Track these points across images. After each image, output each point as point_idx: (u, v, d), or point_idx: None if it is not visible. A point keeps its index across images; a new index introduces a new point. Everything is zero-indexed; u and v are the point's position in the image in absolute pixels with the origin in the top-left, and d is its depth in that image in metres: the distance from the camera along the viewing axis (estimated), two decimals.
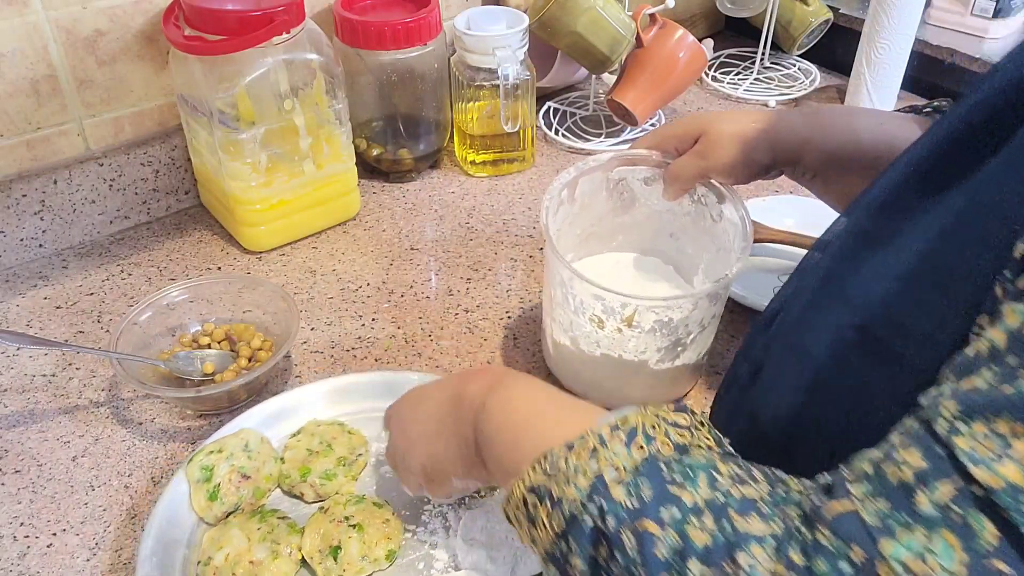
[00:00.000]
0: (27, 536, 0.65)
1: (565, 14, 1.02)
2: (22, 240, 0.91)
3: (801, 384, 0.48)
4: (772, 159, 0.67)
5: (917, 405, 0.35)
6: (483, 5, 1.11)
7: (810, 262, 0.53)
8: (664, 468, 0.41)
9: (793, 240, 0.90)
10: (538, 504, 0.44)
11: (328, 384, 0.73)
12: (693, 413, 0.46)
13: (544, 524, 0.44)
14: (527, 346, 0.81)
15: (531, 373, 0.78)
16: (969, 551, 0.31)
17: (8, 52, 0.83)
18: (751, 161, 0.67)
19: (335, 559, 0.60)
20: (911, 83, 1.13)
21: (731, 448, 0.45)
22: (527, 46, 1.01)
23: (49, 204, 0.91)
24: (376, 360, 0.80)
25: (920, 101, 1.16)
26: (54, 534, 0.65)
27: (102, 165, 0.92)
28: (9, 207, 0.88)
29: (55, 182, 0.90)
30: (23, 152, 0.88)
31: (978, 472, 0.31)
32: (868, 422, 0.42)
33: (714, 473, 0.41)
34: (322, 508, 0.64)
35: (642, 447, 0.42)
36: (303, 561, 0.61)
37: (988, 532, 0.31)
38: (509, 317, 0.85)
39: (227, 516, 0.64)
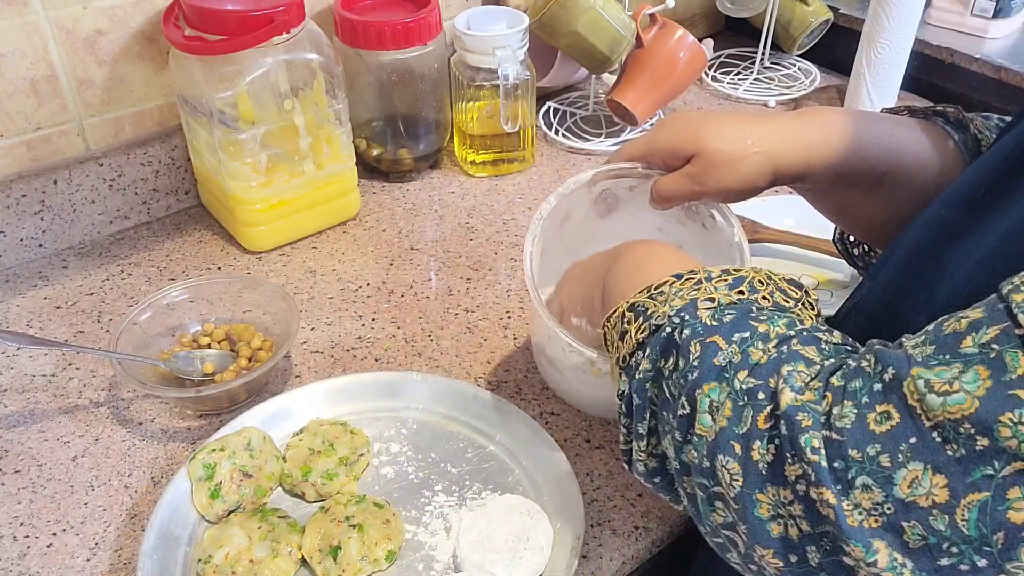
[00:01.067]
0: (27, 536, 0.65)
1: (565, 14, 1.02)
2: (22, 240, 0.91)
3: None
4: (772, 182, 0.62)
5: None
6: (483, 5, 1.11)
7: (882, 262, 0.52)
8: (754, 310, 0.45)
9: (793, 240, 0.90)
10: (632, 319, 0.48)
11: (330, 384, 0.73)
12: (807, 292, 0.48)
13: (631, 336, 0.48)
14: (527, 346, 0.81)
15: (531, 374, 0.78)
16: (994, 379, 0.32)
17: (8, 52, 0.83)
18: (750, 186, 0.62)
19: (335, 559, 0.60)
20: (911, 83, 1.13)
21: (836, 332, 0.46)
22: (527, 46, 1.01)
23: (49, 204, 0.91)
24: (376, 360, 0.80)
25: (920, 101, 1.16)
26: (54, 534, 0.65)
27: (102, 165, 0.92)
28: (9, 207, 0.88)
29: (55, 182, 0.90)
30: (23, 152, 0.88)
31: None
32: None
33: (797, 322, 0.44)
34: (323, 508, 0.64)
35: (742, 292, 0.46)
36: (303, 561, 0.61)
37: (1020, 366, 0.32)
38: (509, 317, 0.85)
39: (228, 514, 0.64)
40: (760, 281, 0.47)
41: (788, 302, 0.46)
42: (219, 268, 0.92)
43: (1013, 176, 0.43)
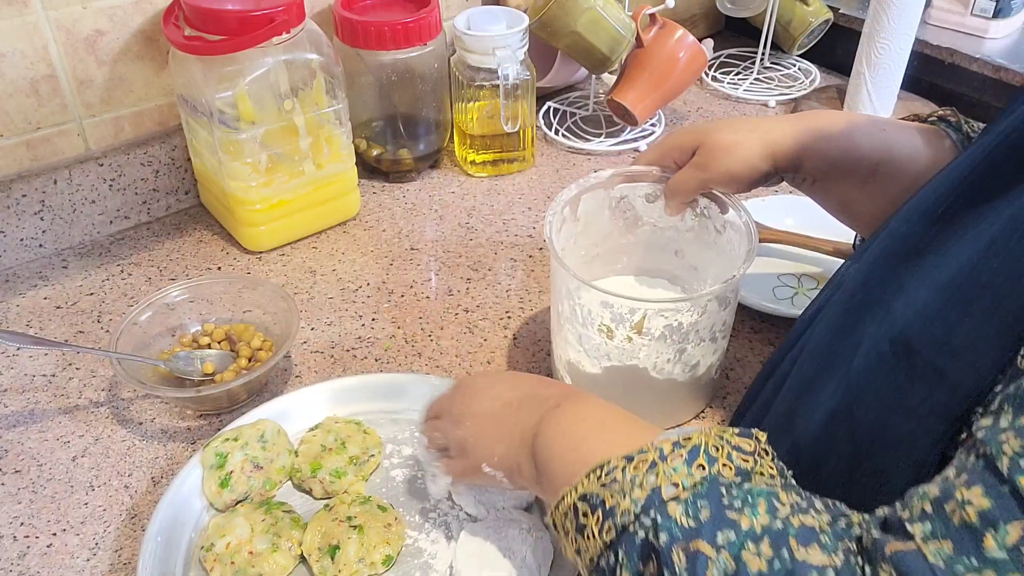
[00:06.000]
0: (27, 536, 0.65)
1: (565, 14, 1.02)
2: (22, 240, 0.91)
3: (834, 397, 0.47)
4: (772, 166, 0.66)
5: (973, 437, 0.34)
6: (483, 5, 1.11)
7: (846, 272, 0.52)
8: (724, 491, 0.41)
9: (793, 240, 0.90)
10: (589, 513, 0.43)
11: (337, 384, 0.73)
12: (759, 440, 0.45)
13: (593, 533, 0.43)
14: (527, 346, 0.81)
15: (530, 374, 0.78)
16: None
17: (8, 52, 0.83)
18: (751, 169, 0.66)
19: (332, 558, 0.60)
20: (911, 83, 1.13)
21: (793, 480, 0.44)
22: (527, 46, 1.01)
23: (49, 204, 0.91)
24: (376, 360, 0.80)
25: (920, 101, 1.16)
26: (54, 534, 0.65)
27: (102, 165, 0.92)
28: (9, 207, 0.88)
29: (55, 182, 0.90)
30: (23, 152, 0.88)
31: None
32: (902, 437, 0.42)
33: (775, 501, 0.40)
34: (327, 505, 0.64)
35: (703, 466, 0.42)
36: (302, 557, 0.61)
37: None
38: (509, 317, 0.85)
39: (236, 504, 0.65)
40: (714, 446, 0.43)
41: (747, 460, 0.43)
42: (219, 268, 0.92)
43: (972, 197, 0.43)
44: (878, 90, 1.10)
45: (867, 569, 0.35)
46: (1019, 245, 0.38)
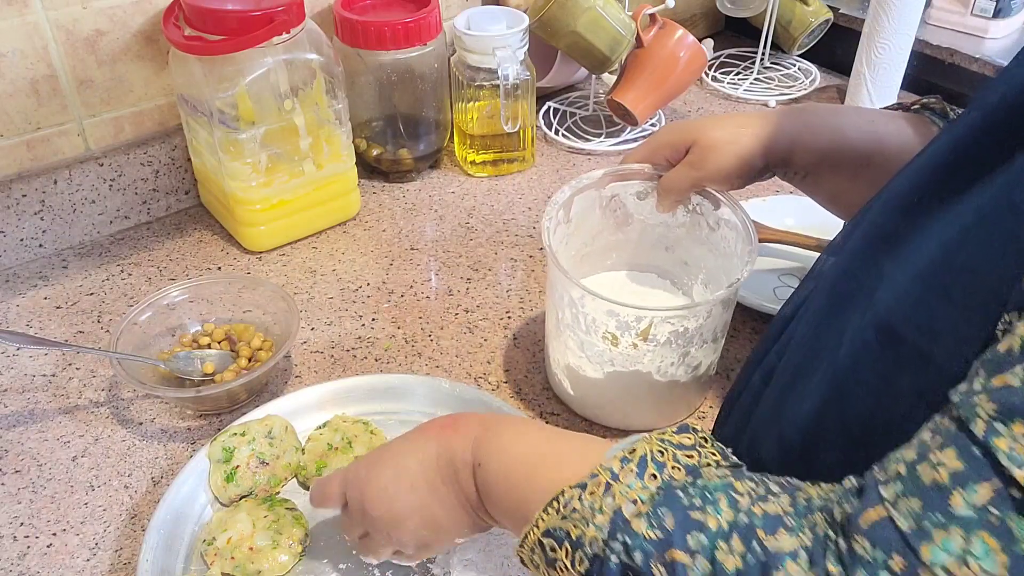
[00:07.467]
0: (27, 536, 0.65)
1: (565, 14, 1.02)
2: (22, 240, 0.91)
3: (821, 386, 0.47)
4: (764, 162, 0.66)
5: (948, 401, 0.35)
6: (483, 5, 1.11)
7: (824, 264, 0.53)
8: (682, 494, 0.41)
9: (793, 240, 0.90)
10: (556, 547, 0.43)
11: (360, 381, 0.73)
12: (695, 431, 0.45)
13: (566, 566, 0.43)
14: (527, 346, 0.81)
15: (531, 374, 0.78)
16: (1009, 553, 0.30)
17: (8, 52, 0.83)
18: (744, 166, 0.67)
19: None
20: (911, 83, 1.13)
21: (735, 458, 0.45)
22: (527, 46, 1.01)
23: (49, 204, 0.91)
24: (376, 360, 0.80)
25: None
26: (54, 534, 0.65)
27: (102, 165, 0.92)
28: (9, 207, 0.88)
29: (55, 182, 0.90)
30: (23, 152, 0.88)
31: (1020, 474, 0.30)
32: (893, 423, 0.42)
33: (733, 493, 0.40)
34: None
35: (655, 475, 0.42)
36: (302, 554, 0.61)
37: None
38: (509, 317, 0.85)
39: (240, 499, 0.65)
40: (659, 451, 0.44)
41: (691, 456, 0.44)
42: (219, 268, 0.92)
43: (945, 184, 0.43)
44: (878, 90, 1.10)
45: (841, 543, 0.35)
46: (991, 231, 0.38)
